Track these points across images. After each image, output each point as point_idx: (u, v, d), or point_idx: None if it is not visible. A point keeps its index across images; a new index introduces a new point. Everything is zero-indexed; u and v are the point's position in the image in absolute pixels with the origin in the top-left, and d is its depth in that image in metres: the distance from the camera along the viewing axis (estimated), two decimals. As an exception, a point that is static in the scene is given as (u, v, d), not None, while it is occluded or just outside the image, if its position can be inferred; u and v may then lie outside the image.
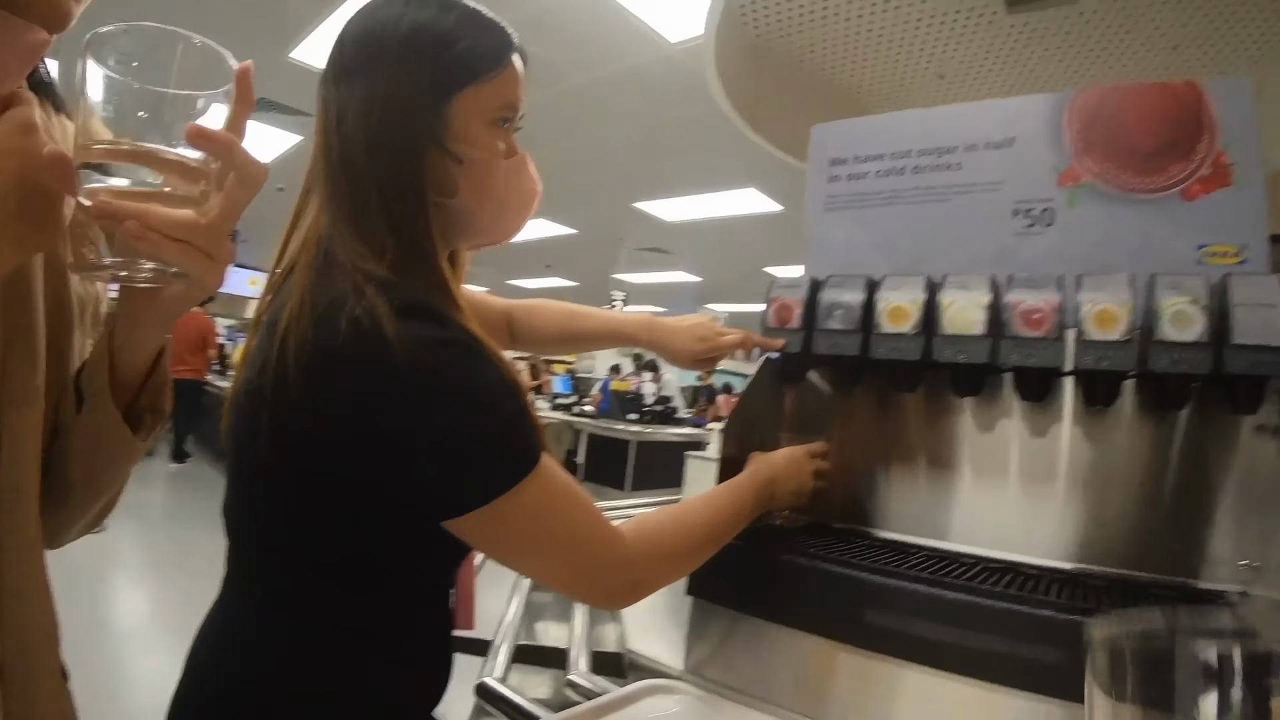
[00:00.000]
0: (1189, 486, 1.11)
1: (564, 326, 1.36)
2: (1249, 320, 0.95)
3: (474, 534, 0.79)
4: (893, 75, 3.43)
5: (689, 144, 5.58)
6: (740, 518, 1.05)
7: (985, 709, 0.91)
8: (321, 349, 0.72)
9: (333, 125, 0.83)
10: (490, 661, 1.24)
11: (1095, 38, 3.10)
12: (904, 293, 1.19)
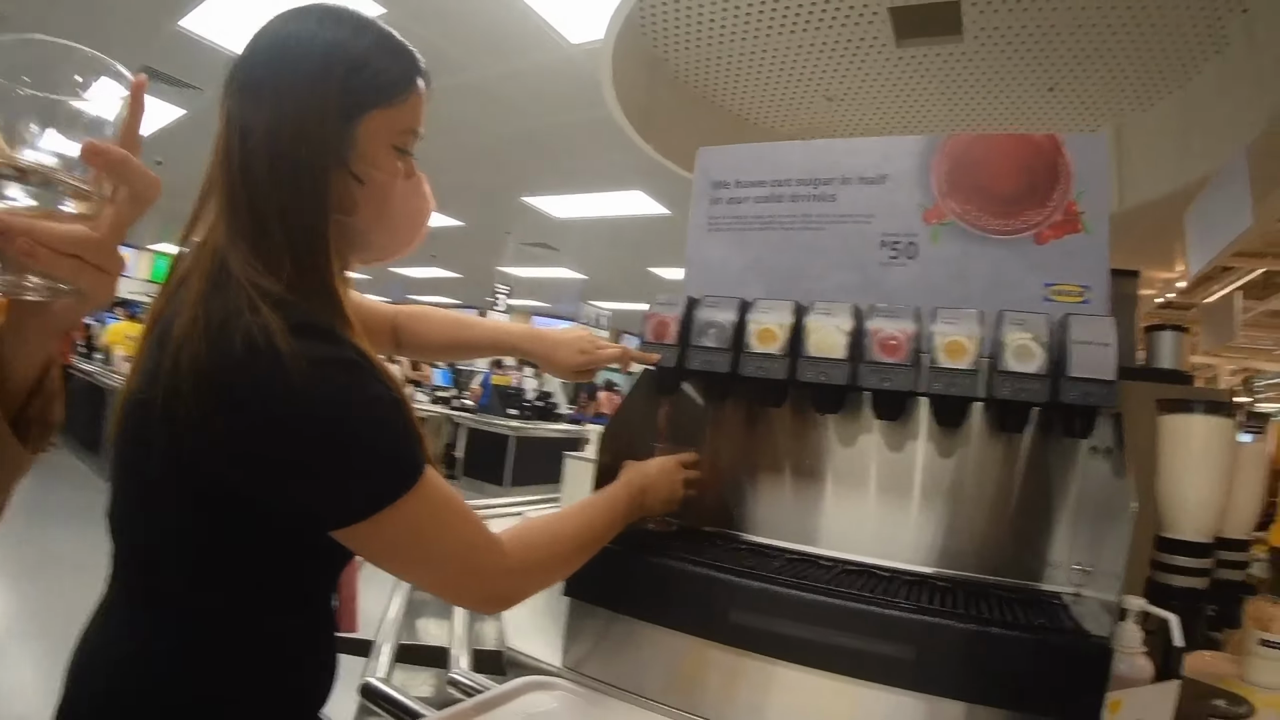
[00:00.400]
0: (1030, 499, 1.24)
1: (450, 335, 1.39)
2: (1084, 356, 1.06)
3: (360, 543, 0.82)
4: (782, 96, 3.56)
5: (581, 143, 5.62)
6: (614, 525, 1.10)
7: (842, 701, 1.00)
8: (215, 365, 0.73)
9: (236, 139, 0.83)
10: (373, 661, 1.27)
11: (978, 74, 3.29)
12: (773, 315, 1.26)
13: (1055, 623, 1.00)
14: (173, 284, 0.85)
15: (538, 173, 6.78)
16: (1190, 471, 1.17)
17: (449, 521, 0.85)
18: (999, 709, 0.94)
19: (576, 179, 6.82)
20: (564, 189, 7.29)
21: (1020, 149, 1.35)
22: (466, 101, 4.91)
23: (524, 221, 8.71)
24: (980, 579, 1.23)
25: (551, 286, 13.48)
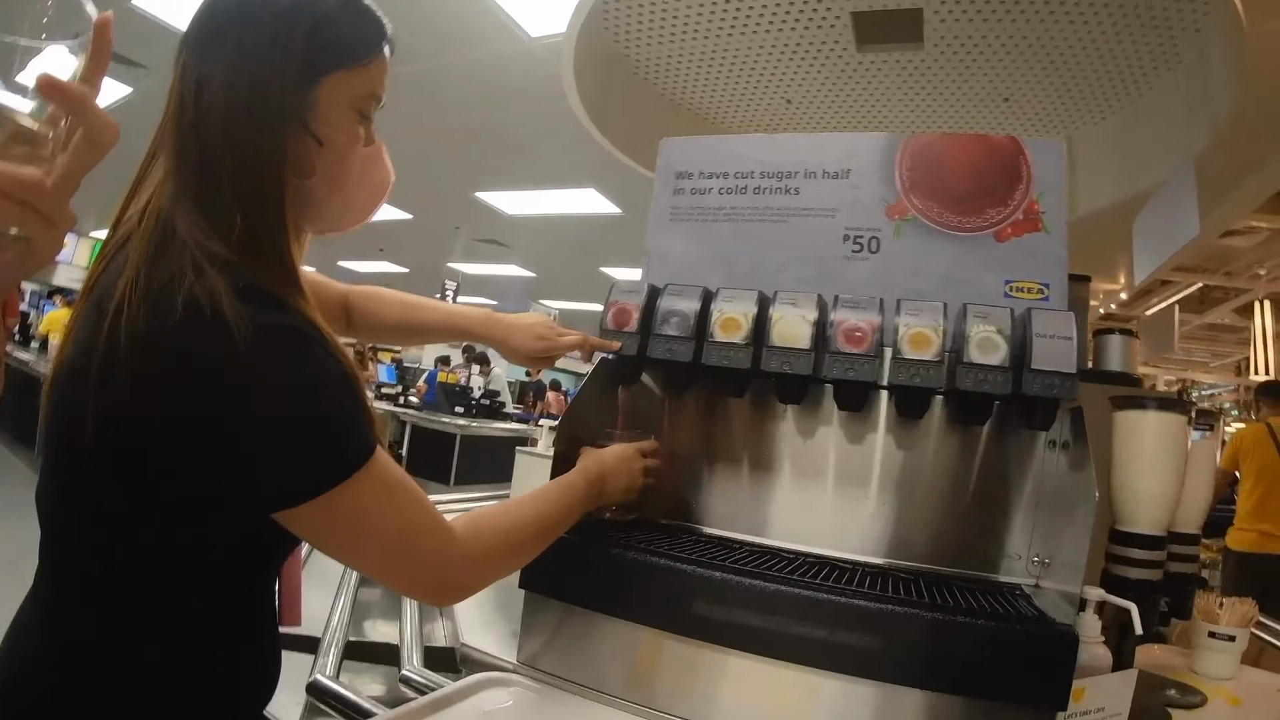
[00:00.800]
0: (988, 492, 1.25)
1: (402, 316, 1.35)
2: (1046, 349, 1.08)
3: (305, 526, 0.77)
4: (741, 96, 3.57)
5: (535, 139, 5.57)
6: (571, 513, 1.08)
7: (807, 693, 0.99)
8: (154, 330, 0.69)
9: (191, 93, 0.78)
10: (321, 659, 1.22)
11: (936, 81, 3.34)
12: (737, 305, 1.25)
13: (1021, 612, 1.01)
14: (111, 248, 0.80)
15: (490, 167, 6.72)
16: (1145, 466, 1.19)
17: (400, 506, 0.81)
18: (968, 697, 0.95)
19: (529, 175, 6.77)
20: (516, 185, 7.23)
21: (983, 149, 1.38)
22: (421, 91, 4.82)
23: (475, 217, 8.62)
24: (940, 570, 1.23)
25: (501, 284, 13.36)
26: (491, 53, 4.17)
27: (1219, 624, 1.42)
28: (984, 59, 3.18)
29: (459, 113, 5.26)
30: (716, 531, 1.36)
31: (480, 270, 12.09)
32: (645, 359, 1.31)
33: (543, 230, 8.85)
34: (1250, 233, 7.37)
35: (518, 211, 8.14)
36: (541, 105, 4.67)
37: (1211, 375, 12.25)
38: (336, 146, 0.86)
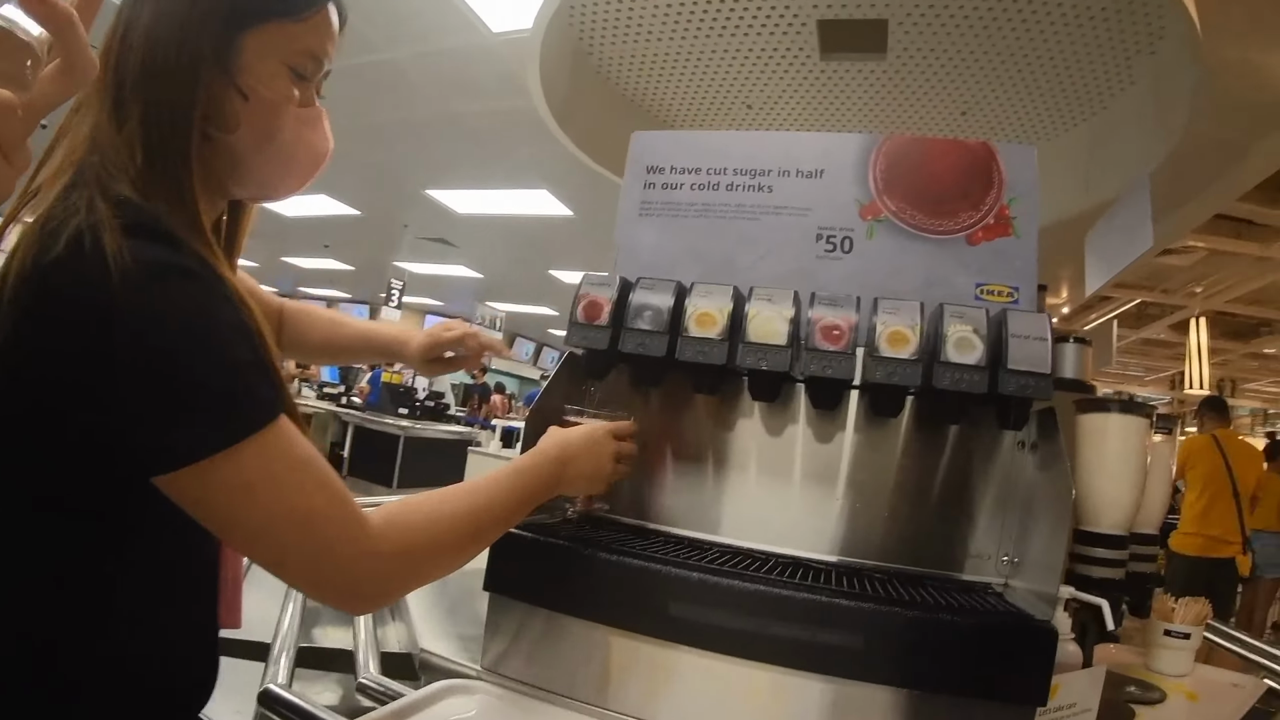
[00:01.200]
0: (958, 492, 1.26)
1: (327, 334, 1.33)
2: (1021, 350, 1.08)
3: (187, 497, 0.69)
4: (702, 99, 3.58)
5: (490, 136, 5.50)
6: (524, 503, 0.97)
7: (783, 692, 0.99)
8: (34, 264, 0.64)
9: (118, 35, 0.77)
10: (272, 666, 1.17)
11: (897, 92, 3.40)
12: (713, 300, 1.24)
13: (1000, 609, 1.02)
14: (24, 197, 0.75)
15: (443, 164, 6.63)
16: (1109, 468, 1.22)
17: (299, 486, 0.71)
18: (950, 695, 0.95)
19: (482, 173, 6.69)
20: (469, 183, 7.14)
21: (957, 153, 1.39)
22: (376, 82, 4.70)
23: (424, 214, 8.50)
24: (911, 570, 1.24)
25: (448, 284, 13.23)
26: (451, 46, 4.11)
27: (1175, 623, 1.46)
28: (945, 72, 3.23)
29: (414, 106, 5.17)
30: (685, 532, 1.34)
31: (427, 270, 11.95)
32: (616, 353, 1.29)
33: (493, 230, 8.78)
34: (1187, 252, 7.63)
35: (468, 210, 8.06)
36: (499, 102, 4.63)
37: (1146, 388, 12.64)
38: (263, 102, 0.82)
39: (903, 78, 3.28)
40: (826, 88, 3.40)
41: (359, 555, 0.75)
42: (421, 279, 12.61)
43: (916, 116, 3.60)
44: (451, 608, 1.41)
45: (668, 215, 1.49)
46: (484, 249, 10.16)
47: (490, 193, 7.31)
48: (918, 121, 3.63)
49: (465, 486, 0.91)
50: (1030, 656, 0.93)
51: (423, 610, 1.38)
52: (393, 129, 5.65)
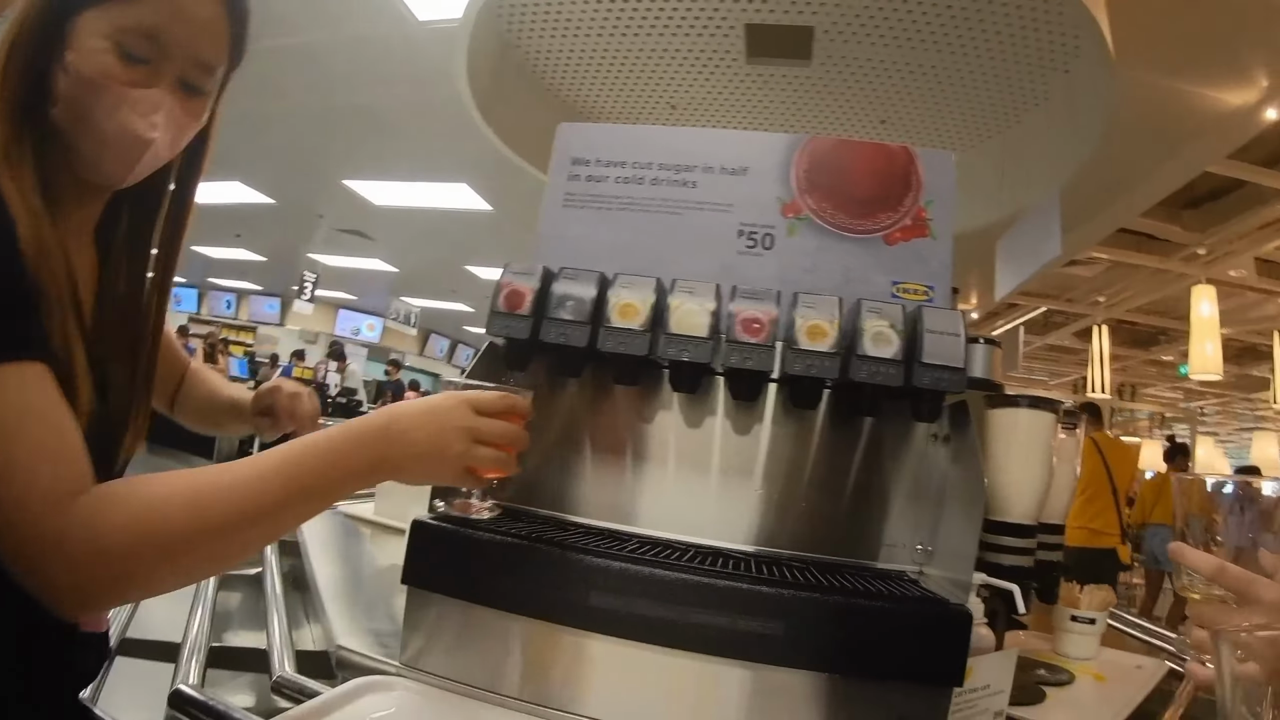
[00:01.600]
0: (873, 483, 1.29)
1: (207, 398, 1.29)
2: (936, 345, 1.11)
3: None
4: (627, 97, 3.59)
5: (412, 127, 5.43)
6: (316, 487, 0.80)
7: (703, 679, 1.00)
8: None
9: None
10: (183, 666, 1.12)
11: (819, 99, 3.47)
12: (635, 292, 1.25)
13: (915, 595, 1.04)
14: None
15: (362, 154, 6.51)
16: (1018, 460, 1.25)
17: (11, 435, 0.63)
18: (870, 679, 0.97)
19: (402, 164, 6.59)
20: (387, 174, 7.04)
21: (877, 155, 1.43)
22: (295, 66, 4.53)
23: (340, 205, 8.34)
24: (828, 559, 1.26)
25: (362, 278, 12.99)
26: (376, 33, 4.04)
27: (1080, 608, 1.54)
28: (866, 82, 3.32)
29: (334, 92, 5.06)
30: (605, 524, 1.34)
31: (342, 262, 11.73)
32: (538, 343, 1.28)
33: (410, 223, 8.66)
34: (1092, 263, 7.97)
35: (386, 202, 7.94)
36: (422, 92, 4.56)
37: (1051, 392, 13.12)
38: (80, 78, 0.82)
39: (825, 85, 3.35)
40: (750, 91, 3.45)
41: (74, 535, 0.64)
42: (336, 272, 12.37)
43: (837, 124, 3.68)
44: (368, 604, 1.38)
45: (592, 207, 1.48)
46: (401, 242, 10.01)
47: (409, 185, 7.22)
48: (838, 129, 3.71)
49: (231, 467, 0.76)
50: (946, 639, 0.96)
51: (338, 607, 1.35)
52: (310, 115, 5.52)
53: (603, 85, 3.55)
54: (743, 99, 3.52)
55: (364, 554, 1.90)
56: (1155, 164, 4.73)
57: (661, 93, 3.52)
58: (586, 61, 3.40)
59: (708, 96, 3.50)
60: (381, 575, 1.65)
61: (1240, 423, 18.23)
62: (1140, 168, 4.76)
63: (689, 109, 3.61)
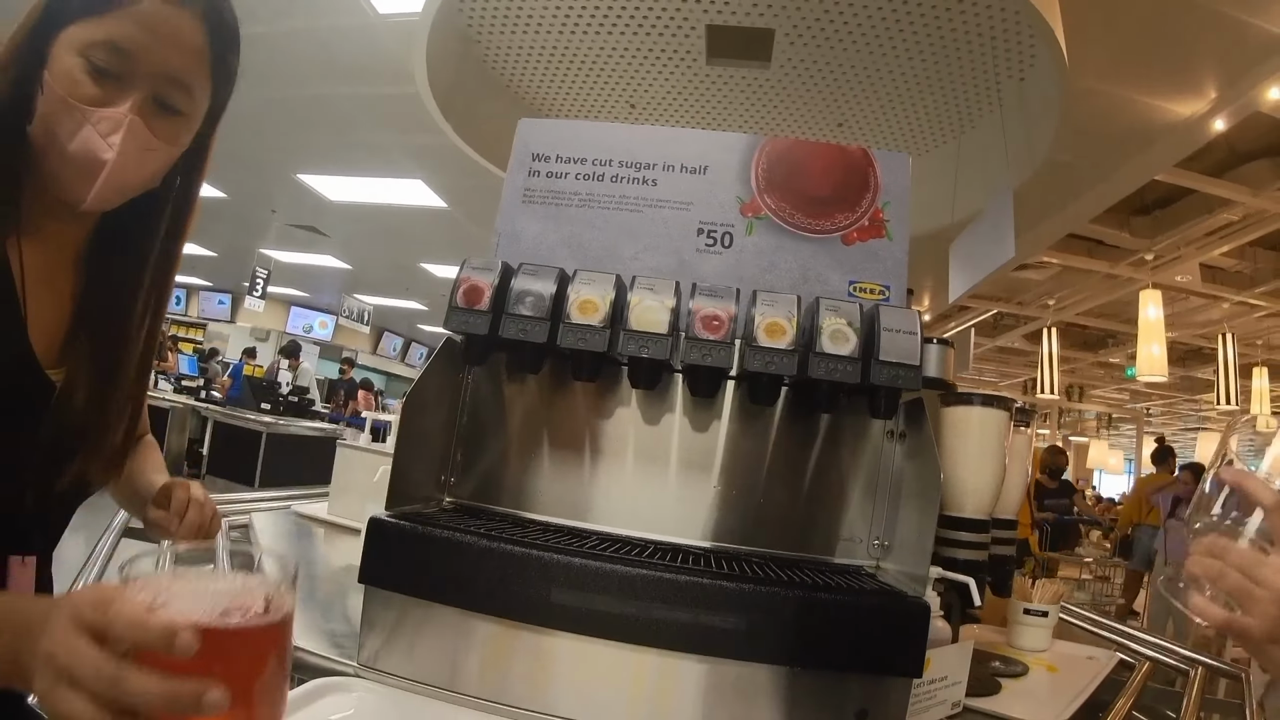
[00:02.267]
0: (830, 480, 1.30)
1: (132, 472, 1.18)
2: (893, 342, 1.13)
3: None
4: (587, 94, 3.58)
5: (368, 122, 5.37)
6: None
7: (664, 674, 1.00)
8: None
9: None
10: None
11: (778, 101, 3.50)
12: (595, 288, 1.24)
13: (874, 589, 1.06)
14: None
15: (316, 148, 6.42)
16: (972, 457, 1.27)
17: None
18: (832, 671, 0.99)
19: (357, 159, 6.51)
20: (342, 169, 6.94)
21: (835, 157, 1.45)
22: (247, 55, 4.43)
23: (294, 200, 8.22)
24: (786, 555, 1.27)
25: (315, 275, 12.82)
26: (333, 24, 3.98)
27: (1033, 602, 1.57)
28: (825, 85, 3.34)
29: (288, 85, 4.98)
30: (564, 520, 1.33)
31: (294, 259, 11.56)
32: (497, 339, 1.27)
33: (364, 220, 8.56)
34: (1042, 267, 8.13)
35: (340, 198, 7.83)
36: (379, 86, 4.51)
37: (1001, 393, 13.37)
38: (52, 95, 0.82)
39: (784, 87, 3.37)
40: (710, 92, 3.46)
41: None
42: (288, 268, 12.20)
43: (796, 126, 3.71)
44: (324, 605, 1.36)
45: (551, 203, 1.48)
46: (354, 238, 9.90)
47: (364, 180, 7.13)
48: (797, 131, 3.74)
49: None
50: (905, 631, 0.97)
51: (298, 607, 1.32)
52: (264, 107, 5.42)
53: (563, 83, 3.54)
54: (702, 99, 3.53)
55: (318, 555, 1.88)
56: (1106, 171, 4.84)
57: (622, 91, 3.52)
58: (547, 58, 3.38)
59: (667, 96, 3.51)
60: (336, 576, 1.62)
61: (1185, 423, 18.73)
62: (1091, 175, 4.87)
63: (649, 108, 3.61)
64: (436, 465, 1.34)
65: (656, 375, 1.27)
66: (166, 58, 0.86)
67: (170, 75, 0.87)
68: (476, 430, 1.36)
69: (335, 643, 1.17)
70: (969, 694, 1.21)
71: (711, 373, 1.22)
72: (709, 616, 0.98)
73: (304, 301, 16.48)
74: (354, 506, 2.06)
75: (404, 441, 1.21)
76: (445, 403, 1.35)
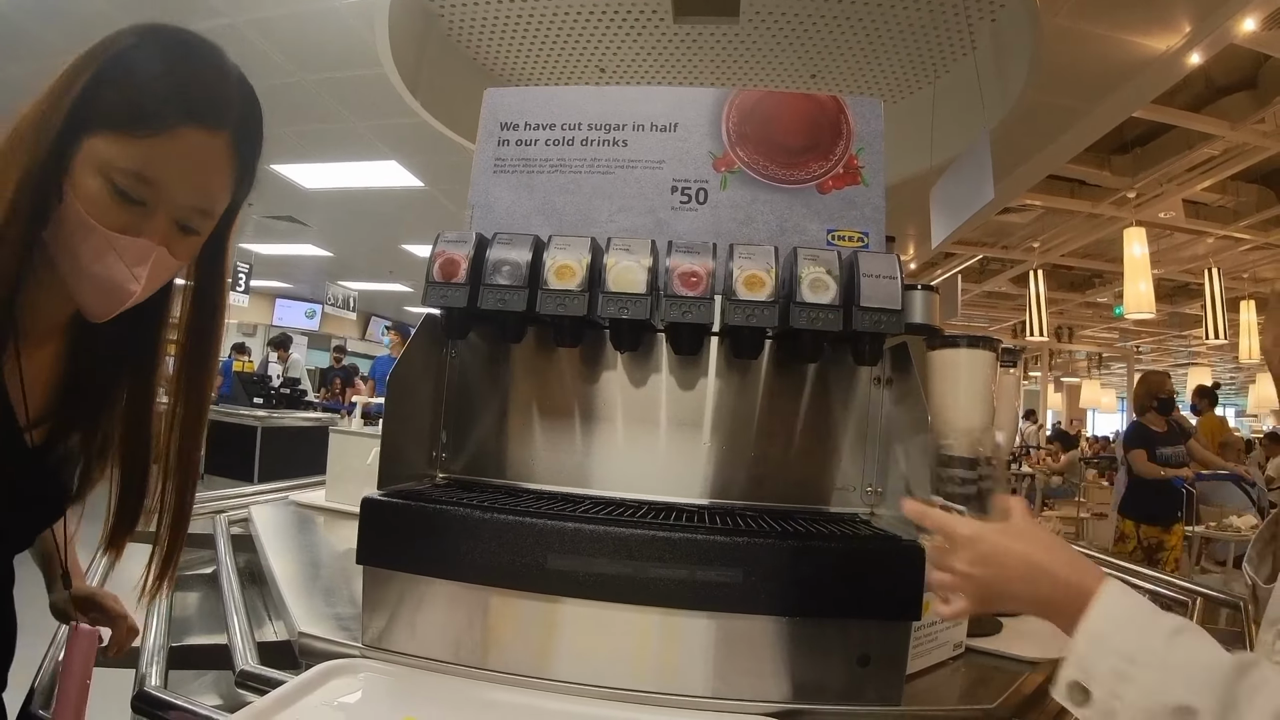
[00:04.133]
0: (820, 429, 1.30)
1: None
2: (873, 288, 1.12)
3: None
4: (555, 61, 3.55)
5: (336, 106, 5.30)
6: None
7: (667, 632, 1.00)
8: None
9: None
10: (145, 669, 1.08)
11: (748, 55, 3.47)
12: (571, 253, 1.22)
13: (869, 535, 1.07)
14: None
15: (287, 137, 6.34)
16: (962, 396, 1.27)
17: None
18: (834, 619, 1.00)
19: (329, 145, 6.44)
20: (315, 156, 6.87)
21: (807, 106, 1.43)
22: None
23: (269, 191, 8.13)
24: (782, 507, 1.27)
25: (297, 265, 12.74)
26: (295, 11, 3.92)
27: None
28: (795, 36, 3.31)
29: (256, 76, 4.77)
30: (557, 488, 1.33)
31: (275, 250, 11.49)
32: (476, 310, 1.26)
33: (342, 205, 8.51)
34: (1025, 210, 8.12)
35: (316, 185, 7.77)
36: (344, 70, 4.44)
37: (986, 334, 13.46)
38: (70, 208, 0.80)
39: (755, 41, 3.35)
40: (679, 51, 3.43)
41: None
42: (269, 261, 12.12)
43: (769, 79, 3.68)
44: (327, 591, 1.36)
45: (522, 171, 1.46)
46: (334, 225, 9.85)
47: (338, 165, 7.07)
48: (770, 84, 3.72)
49: None
50: (902, 574, 0.98)
51: (298, 596, 1.32)
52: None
53: (530, 51, 3.51)
54: (672, 59, 3.50)
55: (319, 542, 1.87)
56: (1083, 110, 4.81)
57: (590, 56, 3.49)
58: (513, 27, 3.34)
59: (637, 58, 3.47)
60: (338, 561, 1.62)
61: (1175, 359, 18.84)
62: (1068, 114, 4.85)
63: (619, 71, 3.58)
64: (427, 443, 1.33)
65: (638, 337, 1.27)
66: (195, 191, 0.85)
67: (196, 206, 0.86)
68: (464, 405, 1.36)
69: (342, 626, 1.17)
70: (970, 634, 1.22)
71: (693, 329, 1.22)
72: (707, 572, 0.98)
73: (288, 292, 16.40)
74: (351, 491, 2.06)
75: (392, 421, 1.20)
76: (431, 380, 1.34)
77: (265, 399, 8.83)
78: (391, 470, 1.17)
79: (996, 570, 0.79)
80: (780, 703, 0.98)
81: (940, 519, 0.85)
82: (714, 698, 0.99)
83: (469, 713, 0.97)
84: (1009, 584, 0.78)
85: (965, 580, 0.81)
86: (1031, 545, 0.78)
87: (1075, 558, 0.77)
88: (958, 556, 0.81)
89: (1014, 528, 0.81)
